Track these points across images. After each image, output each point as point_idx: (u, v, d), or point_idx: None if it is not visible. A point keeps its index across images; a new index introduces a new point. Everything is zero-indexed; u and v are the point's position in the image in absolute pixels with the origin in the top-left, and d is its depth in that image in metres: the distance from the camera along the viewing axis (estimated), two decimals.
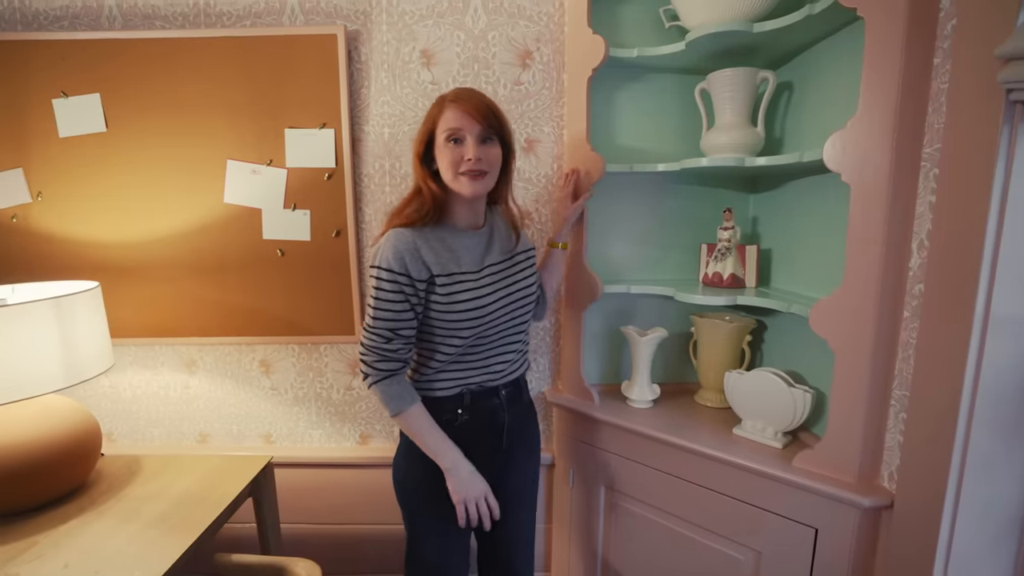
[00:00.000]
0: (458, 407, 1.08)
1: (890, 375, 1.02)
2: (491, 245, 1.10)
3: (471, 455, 1.08)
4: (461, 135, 0.98)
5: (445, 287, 1.01)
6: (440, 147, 1.01)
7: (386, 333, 1.01)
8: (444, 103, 1.00)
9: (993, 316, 0.84)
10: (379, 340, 1.01)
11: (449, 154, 0.99)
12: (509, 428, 1.15)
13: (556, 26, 1.46)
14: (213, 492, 1.26)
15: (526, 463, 1.23)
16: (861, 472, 1.05)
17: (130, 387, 1.63)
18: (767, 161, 1.19)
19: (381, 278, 1.00)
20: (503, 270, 1.10)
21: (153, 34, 1.42)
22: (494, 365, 1.11)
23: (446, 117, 0.99)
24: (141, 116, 1.46)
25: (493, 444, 1.13)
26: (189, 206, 1.50)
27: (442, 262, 1.02)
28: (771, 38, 1.21)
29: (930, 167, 0.93)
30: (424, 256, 1.00)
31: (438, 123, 1.00)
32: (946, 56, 0.89)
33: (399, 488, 1.13)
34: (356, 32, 1.47)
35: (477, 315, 1.03)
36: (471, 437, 1.09)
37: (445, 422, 1.07)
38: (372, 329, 1.01)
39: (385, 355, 1.02)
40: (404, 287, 0.99)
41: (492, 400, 1.12)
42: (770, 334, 1.46)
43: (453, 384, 1.08)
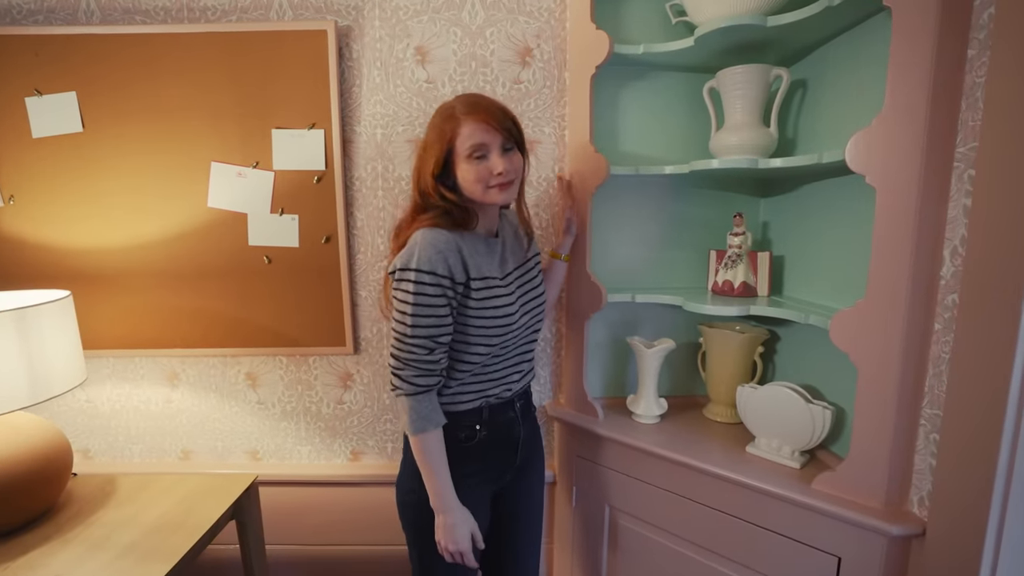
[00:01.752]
0: (476, 423, 1.04)
1: (919, 392, 0.95)
2: (505, 252, 1.07)
3: (484, 468, 1.04)
4: (486, 150, 0.94)
5: (480, 291, 0.97)
6: (463, 163, 0.95)
7: (428, 343, 0.93)
8: (458, 117, 0.94)
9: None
10: (420, 352, 0.93)
11: (476, 171, 0.95)
12: (524, 442, 1.12)
13: (557, 22, 1.40)
14: (191, 516, 1.17)
15: (536, 478, 1.20)
16: (888, 497, 0.97)
17: (108, 401, 1.55)
18: (783, 163, 1.12)
19: (423, 282, 0.91)
20: (521, 275, 1.08)
21: (133, 29, 1.35)
22: (512, 375, 1.07)
23: (465, 133, 0.94)
24: (120, 116, 1.38)
25: (508, 459, 1.10)
26: (171, 210, 1.42)
27: (478, 264, 0.98)
28: (785, 33, 1.14)
29: (964, 168, 0.86)
30: (465, 257, 0.95)
31: (456, 139, 0.94)
32: (982, 47, 0.82)
33: (409, 510, 1.05)
34: (347, 28, 1.40)
35: (506, 322, 1.00)
36: (488, 454, 1.06)
37: (463, 439, 1.02)
38: (410, 341, 0.93)
39: (426, 369, 0.95)
40: (447, 290, 0.93)
41: (508, 413, 1.08)
42: (783, 345, 1.38)
43: (474, 397, 1.03)
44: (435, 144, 0.96)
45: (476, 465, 1.03)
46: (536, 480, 1.20)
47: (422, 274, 0.91)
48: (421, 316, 0.92)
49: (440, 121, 0.96)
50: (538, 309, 1.10)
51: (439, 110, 0.99)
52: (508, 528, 1.16)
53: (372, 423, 1.57)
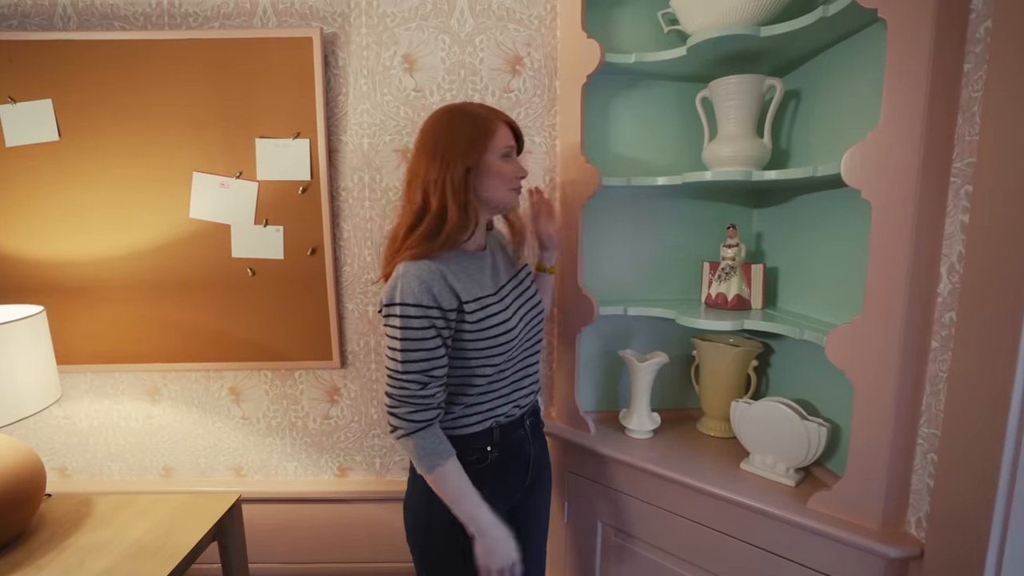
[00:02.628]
0: (487, 444, 1.00)
1: (916, 411, 0.93)
2: (496, 265, 1.05)
3: (497, 488, 1.01)
4: (512, 152, 0.98)
5: (474, 313, 0.94)
6: (492, 166, 0.95)
7: (421, 378, 0.90)
8: (490, 119, 0.95)
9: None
10: (413, 387, 0.90)
11: (508, 169, 0.96)
12: (534, 460, 1.09)
13: (548, 30, 1.37)
14: (170, 539, 1.13)
15: (544, 496, 1.17)
16: (885, 518, 0.95)
17: (86, 417, 1.50)
18: (778, 175, 1.10)
19: (408, 315, 0.88)
20: (515, 287, 1.06)
21: (111, 36, 1.31)
22: (519, 391, 1.05)
23: (502, 134, 0.96)
24: (98, 124, 1.34)
25: (519, 480, 1.07)
26: (151, 221, 1.38)
27: (467, 287, 0.94)
28: (779, 43, 1.12)
29: (961, 183, 0.85)
30: (451, 283, 0.92)
31: (491, 142, 0.94)
32: (979, 61, 0.81)
33: (419, 535, 1.01)
34: (333, 35, 1.37)
35: (507, 338, 0.97)
36: (500, 475, 1.02)
37: (474, 461, 0.99)
38: (403, 377, 0.90)
39: (422, 404, 0.91)
40: (435, 321, 0.89)
41: (518, 432, 1.06)
42: (777, 359, 1.36)
43: (483, 418, 1.00)
44: (478, 138, 0.93)
45: (489, 487, 0.99)
46: (544, 498, 1.17)
47: (407, 307, 0.88)
48: (411, 351, 0.89)
49: (469, 123, 0.93)
50: (537, 319, 1.08)
51: (453, 113, 0.95)
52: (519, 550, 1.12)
53: (360, 438, 1.54)
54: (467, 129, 0.93)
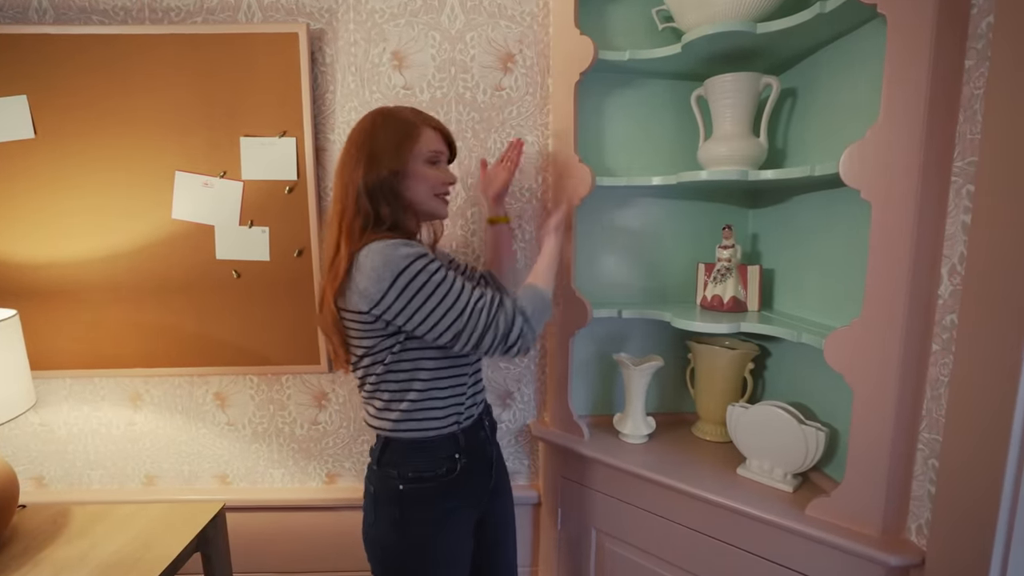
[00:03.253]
0: (455, 452, 0.97)
1: (917, 416, 0.91)
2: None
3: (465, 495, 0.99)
4: (441, 158, 0.97)
5: None
6: (419, 168, 0.93)
7: (477, 293, 0.88)
8: (418, 124, 0.94)
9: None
10: (483, 303, 0.87)
11: (433, 175, 0.95)
12: (495, 462, 1.08)
13: (540, 27, 1.35)
14: (150, 552, 1.09)
15: (508, 499, 1.15)
16: (885, 525, 0.93)
17: (65, 425, 1.45)
18: (775, 175, 1.08)
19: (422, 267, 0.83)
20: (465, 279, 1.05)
21: (90, 30, 1.27)
22: (476, 385, 1.04)
23: (428, 138, 0.94)
24: (77, 122, 1.30)
25: (485, 483, 1.05)
26: (132, 222, 1.34)
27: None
28: (775, 40, 1.10)
29: (963, 183, 0.83)
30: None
31: (415, 146, 0.93)
32: (980, 57, 0.79)
33: (376, 549, 0.97)
34: (320, 31, 1.33)
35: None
36: (470, 480, 0.99)
37: (444, 473, 0.95)
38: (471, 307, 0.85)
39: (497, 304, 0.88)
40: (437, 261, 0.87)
41: (479, 434, 1.04)
42: (774, 362, 1.34)
43: (446, 422, 0.96)
44: (405, 139, 0.91)
45: (460, 494, 0.97)
46: (509, 502, 1.15)
47: (414, 264, 0.83)
48: (450, 287, 0.85)
49: (397, 126, 0.92)
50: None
51: (384, 117, 0.93)
52: (491, 556, 1.10)
53: (349, 444, 1.50)
54: (392, 133, 0.92)
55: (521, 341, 0.88)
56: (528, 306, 0.90)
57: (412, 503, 0.94)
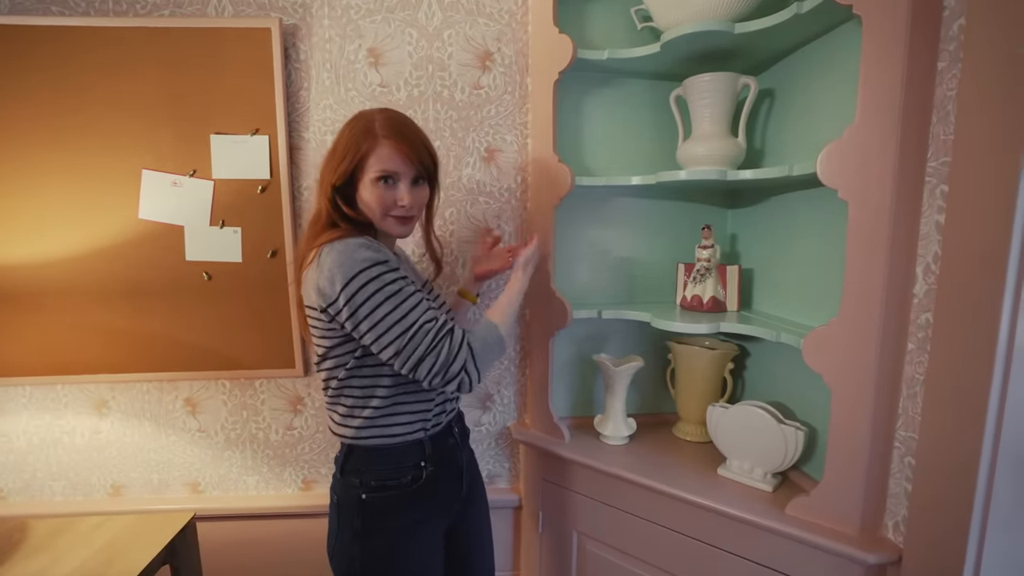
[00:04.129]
0: (420, 460, 0.94)
1: (893, 414, 0.92)
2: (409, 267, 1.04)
3: (434, 505, 0.96)
4: (396, 177, 0.88)
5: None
6: (368, 184, 0.87)
7: (429, 314, 0.83)
8: (378, 136, 0.86)
9: (1019, 349, 0.73)
10: (431, 326, 0.82)
11: (380, 195, 0.88)
12: (466, 468, 1.05)
13: (519, 25, 1.33)
14: (113, 567, 1.04)
15: (483, 507, 1.12)
16: (863, 523, 0.93)
17: (24, 434, 1.39)
18: (753, 174, 1.08)
19: (375, 276, 0.80)
20: (431, 292, 1.04)
21: (49, 21, 1.21)
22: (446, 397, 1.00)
23: (381, 154, 0.86)
24: (34, 116, 1.24)
25: (455, 491, 1.01)
26: (95, 222, 1.29)
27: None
28: (753, 40, 1.11)
29: (936, 183, 0.83)
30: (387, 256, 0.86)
31: (369, 157, 0.86)
32: (953, 59, 0.80)
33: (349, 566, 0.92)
34: (294, 27, 1.30)
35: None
36: (437, 489, 0.96)
37: (410, 481, 0.92)
38: (415, 329, 0.81)
39: (446, 329, 0.84)
40: (400, 271, 0.84)
41: (448, 441, 1.01)
42: (753, 361, 1.35)
43: (412, 426, 0.92)
44: (345, 154, 0.87)
45: (427, 504, 0.94)
46: (484, 509, 1.12)
47: (370, 269, 0.80)
48: (402, 303, 0.81)
49: (357, 132, 0.87)
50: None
51: (357, 118, 0.89)
52: (463, 564, 1.07)
53: (325, 449, 1.46)
54: (352, 138, 0.87)
55: (462, 376, 0.84)
56: (478, 342, 0.87)
57: (375, 513, 0.91)
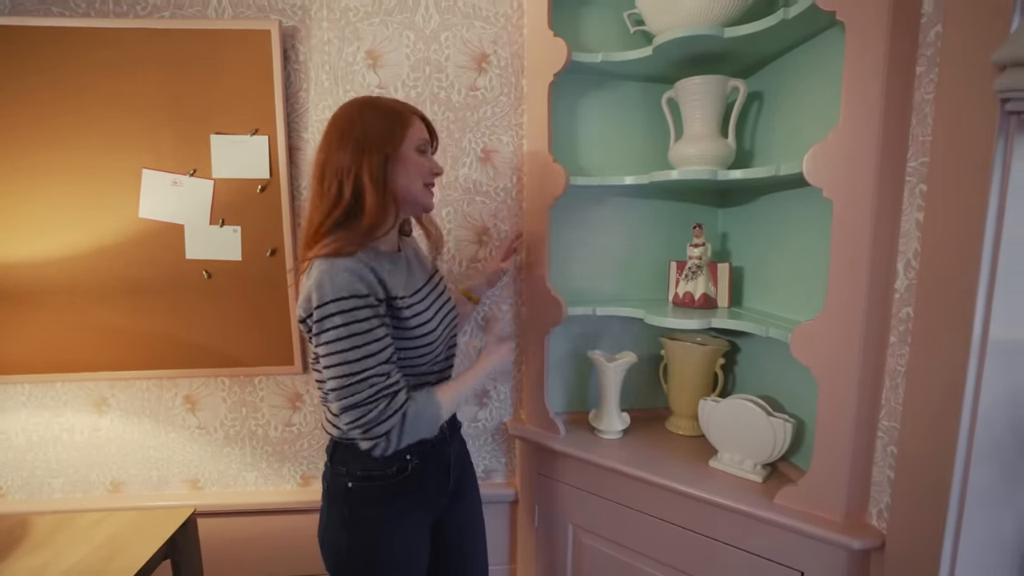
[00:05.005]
0: (406, 452, 0.94)
1: (877, 405, 0.95)
2: (411, 268, 1.01)
3: (420, 499, 0.98)
4: (427, 148, 0.96)
5: (399, 310, 0.90)
6: (408, 157, 0.91)
7: (382, 368, 0.83)
8: (406, 114, 0.92)
9: (992, 342, 0.77)
10: (379, 381, 0.82)
11: (422, 164, 0.94)
12: (455, 462, 1.06)
13: (514, 28, 1.36)
14: (115, 561, 1.06)
15: (474, 500, 1.14)
16: (848, 510, 0.97)
17: (23, 432, 1.40)
18: (743, 174, 1.12)
19: (347, 309, 0.80)
20: (431, 292, 1.02)
21: (50, 22, 1.23)
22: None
23: (417, 127, 0.93)
24: (36, 116, 1.26)
25: (442, 485, 1.03)
26: (96, 221, 1.30)
27: (393, 284, 0.89)
28: (742, 44, 1.14)
29: (916, 182, 0.87)
30: (380, 275, 0.87)
31: (407, 132, 0.91)
32: (930, 64, 0.83)
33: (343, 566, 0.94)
34: (293, 28, 1.32)
35: (429, 339, 0.94)
36: (423, 482, 0.98)
37: (394, 473, 0.94)
38: (362, 376, 0.81)
39: (391, 391, 0.84)
40: (377, 309, 0.84)
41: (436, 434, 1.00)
42: (743, 357, 1.38)
43: None
44: (393, 126, 0.89)
45: (412, 496, 0.96)
46: (475, 504, 1.13)
47: (344, 301, 0.80)
48: (364, 346, 0.81)
49: (389, 113, 0.90)
50: (453, 323, 1.06)
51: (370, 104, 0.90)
52: (454, 560, 1.09)
53: (324, 445, 1.48)
54: (383, 119, 0.89)
55: (382, 440, 0.83)
56: (413, 416, 0.86)
57: (360, 502, 0.93)
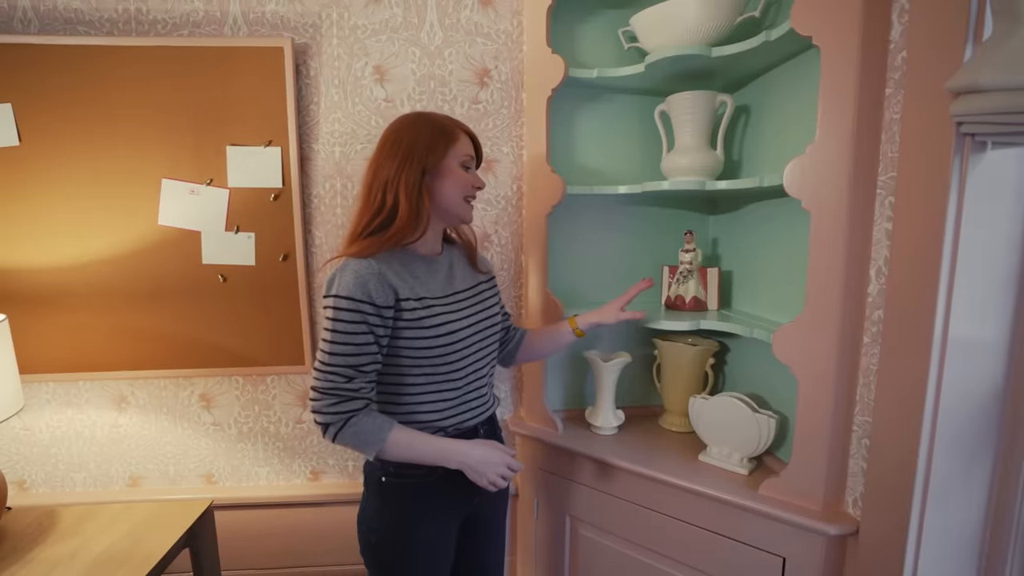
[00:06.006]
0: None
1: (852, 401, 1.02)
2: (452, 273, 1.06)
3: (449, 502, 1.03)
4: (471, 164, 1.02)
5: (414, 311, 0.95)
6: (451, 170, 0.98)
7: (346, 371, 0.91)
8: (454, 130, 0.99)
9: (951, 341, 0.84)
10: (339, 380, 0.91)
11: (464, 178, 1.00)
12: None
13: (514, 44, 1.43)
14: (140, 548, 1.13)
15: (500, 501, 1.18)
16: (826, 499, 1.04)
17: (47, 428, 1.47)
18: (728, 185, 1.19)
19: (340, 308, 0.90)
20: (469, 298, 1.06)
21: (75, 41, 1.30)
22: (470, 401, 1.04)
23: (463, 143, 1.00)
24: (63, 129, 1.33)
25: (470, 487, 1.03)
26: (118, 228, 1.37)
27: (409, 286, 0.96)
28: (729, 63, 1.21)
29: (885, 195, 0.94)
30: (391, 280, 0.93)
31: (452, 148, 0.98)
32: (897, 87, 0.91)
33: (372, 551, 1.02)
34: (305, 45, 1.39)
35: (448, 340, 0.97)
36: (451, 487, 1.01)
37: (425, 473, 0.99)
38: (329, 367, 0.90)
39: (345, 395, 0.91)
40: (368, 317, 0.90)
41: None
42: (733, 356, 1.45)
43: (430, 421, 1.00)
44: (436, 141, 0.96)
45: (439, 497, 1.01)
46: (499, 501, 1.17)
47: (340, 300, 0.90)
48: (340, 343, 0.90)
49: (434, 129, 0.97)
50: (490, 330, 1.07)
51: (417, 120, 0.98)
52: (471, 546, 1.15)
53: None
54: (430, 132, 0.97)
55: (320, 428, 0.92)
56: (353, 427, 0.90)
57: (392, 496, 0.99)
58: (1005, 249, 0.85)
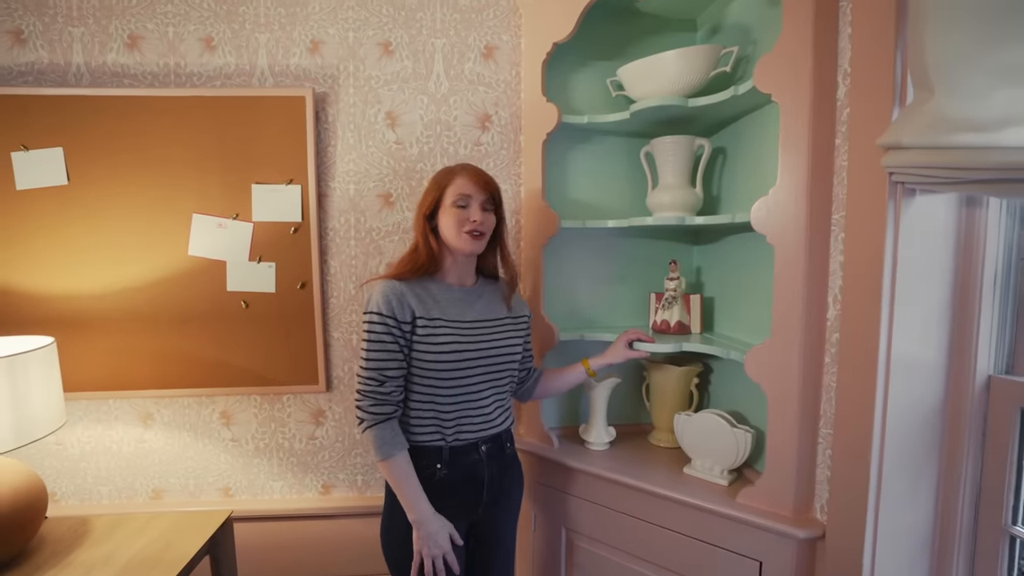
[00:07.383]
0: (436, 462, 1.13)
1: (816, 415, 1.13)
2: (477, 304, 1.20)
3: (450, 504, 1.13)
4: (468, 201, 1.13)
5: (425, 328, 1.10)
6: (447, 209, 1.14)
7: (378, 376, 1.08)
8: (454, 173, 1.15)
9: (894, 361, 0.95)
10: (373, 384, 1.08)
11: (457, 215, 1.13)
12: (490, 482, 1.19)
13: (513, 92, 1.59)
14: (168, 553, 1.22)
15: (506, 514, 1.27)
16: (796, 506, 1.13)
17: (78, 443, 1.58)
18: (705, 220, 1.32)
19: (372, 322, 1.09)
20: (487, 329, 1.18)
21: (121, 92, 1.45)
22: (472, 420, 1.15)
23: (457, 184, 1.14)
24: (106, 170, 1.47)
25: (475, 497, 1.18)
26: (152, 258, 1.51)
27: (425, 306, 1.12)
28: (704, 111, 1.36)
29: (838, 231, 1.07)
30: (409, 300, 1.10)
31: (447, 189, 1.14)
32: (844, 138, 1.04)
33: (388, 550, 1.16)
34: (324, 94, 1.55)
35: (452, 358, 1.11)
36: (455, 492, 1.15)
37: (425, 475, 1.12)
38: (365, 373, 1.09)
39: (379, 399, 1.09)
40: (392, 329, 1.08)
41: (472, 456, 1.16)
42: (715, 376, 1.56)
43: (431, 432, 1.13)
44: (431, 191, 1.16)
45: (444, 500, 1.12)
46: (509, 511, 1.27)
47: (372, 315, 1.09)
48: (372, 351, 1.09)
49: (440, 175, 1.17)
50: (501, 362, 1.18)
51: (441, 169, 1.20)
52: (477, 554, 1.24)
53: (343, 457, 1.65)
54: (433, 181, 1.18)
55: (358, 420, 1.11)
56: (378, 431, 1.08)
57: (397, 500, 1.11)
58: (939, 280, 0.97)
